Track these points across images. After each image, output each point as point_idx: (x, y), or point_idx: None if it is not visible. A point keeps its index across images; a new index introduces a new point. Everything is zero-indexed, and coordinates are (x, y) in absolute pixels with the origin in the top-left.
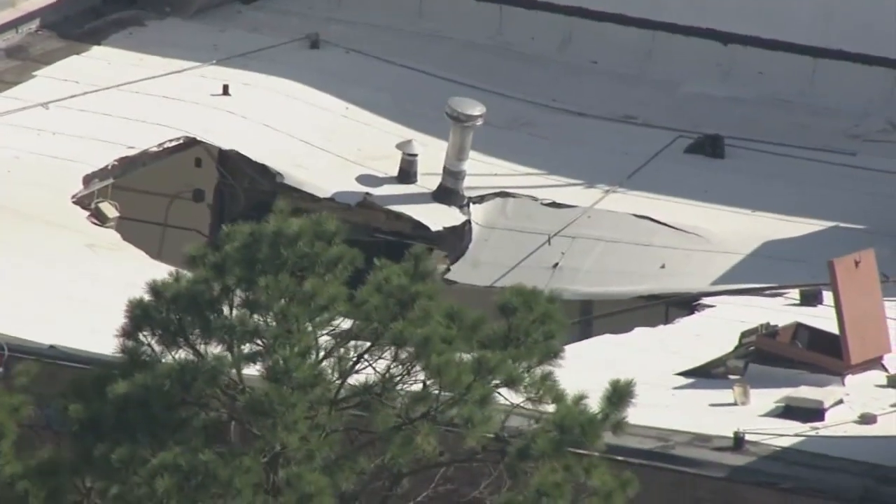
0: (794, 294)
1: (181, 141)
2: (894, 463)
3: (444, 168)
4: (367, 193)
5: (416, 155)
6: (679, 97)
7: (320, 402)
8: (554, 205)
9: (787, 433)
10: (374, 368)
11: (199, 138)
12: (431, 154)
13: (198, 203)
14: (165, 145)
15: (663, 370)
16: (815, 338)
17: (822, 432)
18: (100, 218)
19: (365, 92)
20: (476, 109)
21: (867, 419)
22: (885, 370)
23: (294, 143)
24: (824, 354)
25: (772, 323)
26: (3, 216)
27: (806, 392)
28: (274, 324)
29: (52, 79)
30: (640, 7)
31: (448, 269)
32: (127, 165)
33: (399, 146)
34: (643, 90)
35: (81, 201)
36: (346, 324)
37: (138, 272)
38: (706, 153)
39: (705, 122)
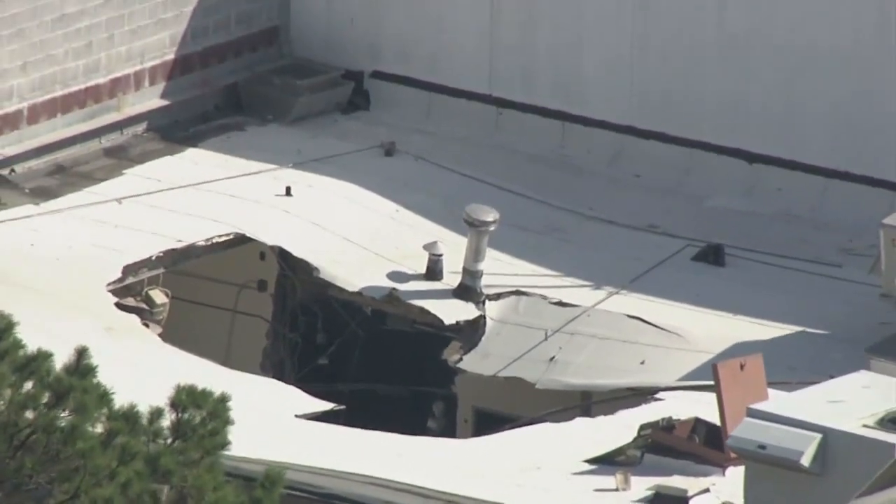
0: None
1: (231, 237)
2: None
3: (463, 268)
4: (393, 289)
5: (440, 255)
6: (703, 210)
7: None
8: (560, 304)
9: None
10: (23, 455)
11: (248, 234)
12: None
13: (261, 293)
14: (214, 240)
15: (577, 456)
16: (712, 433)
17: None
18: (149, 304)
19: (419, 197)
20: (490, 216)
21: None
22: None
23: (338, 240)
24: (716, 448)
25: (674, 417)
26: (27, 296)
27: (677, 481)
28: None
29: (138, 177)
30: (680, 126)
31: (460, 359)
32: (176, 257)
33: (426, 247)
34: (673, 202)
35: (122, 290)
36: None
37: (146, 353)
38: (709, 261)
39: (720, 233)
